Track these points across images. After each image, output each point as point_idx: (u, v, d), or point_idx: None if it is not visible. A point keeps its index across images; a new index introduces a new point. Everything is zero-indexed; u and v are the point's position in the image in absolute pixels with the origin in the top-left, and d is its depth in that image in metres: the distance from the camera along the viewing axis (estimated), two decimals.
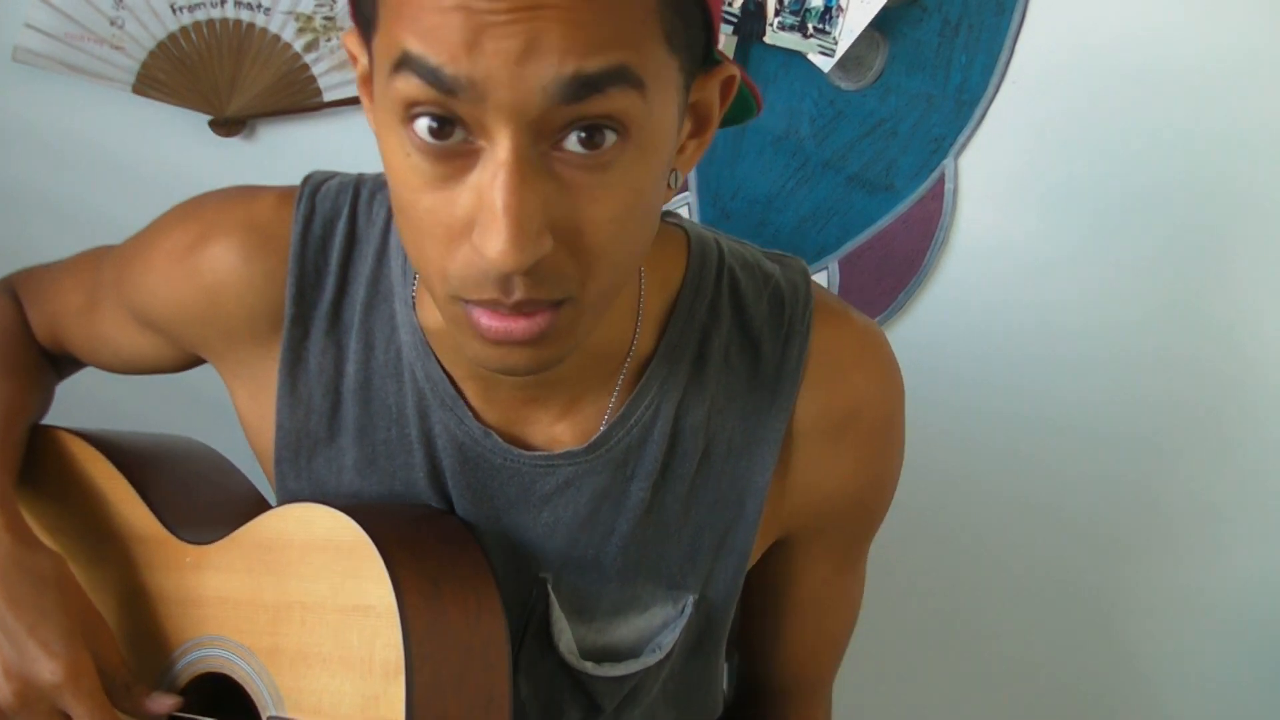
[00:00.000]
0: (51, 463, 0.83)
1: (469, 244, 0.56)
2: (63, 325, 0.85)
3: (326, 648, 0.69)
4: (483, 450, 0.73)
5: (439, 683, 0.67)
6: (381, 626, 0.67)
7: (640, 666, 0.76)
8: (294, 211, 0.74)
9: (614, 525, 0.74)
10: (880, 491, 0.80)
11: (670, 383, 0.73)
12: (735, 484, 0.75)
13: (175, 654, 0.77)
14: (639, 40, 0.54)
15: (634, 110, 0.55)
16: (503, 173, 0.54)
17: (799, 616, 0.84)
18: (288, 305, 0.74)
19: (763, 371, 0.74)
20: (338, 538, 0.69)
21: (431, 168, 0.56)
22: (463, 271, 0.57)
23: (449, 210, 0.56)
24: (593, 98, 0.53)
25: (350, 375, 0.75)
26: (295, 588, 0.71)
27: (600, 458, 0.72)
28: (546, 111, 0.53)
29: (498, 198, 0.54)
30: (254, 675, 0.73)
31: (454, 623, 0.68)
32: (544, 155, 0.55)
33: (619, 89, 0.53)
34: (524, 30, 0.51)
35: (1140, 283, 1.29)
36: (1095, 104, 1.24)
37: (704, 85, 0.62)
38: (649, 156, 0.57)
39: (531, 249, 0.54)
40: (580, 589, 0.75)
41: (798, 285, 0.75)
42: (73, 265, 0.87)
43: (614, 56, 0.53)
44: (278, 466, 0.77)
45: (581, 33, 0.52)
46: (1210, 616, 1.40)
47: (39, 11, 1.24)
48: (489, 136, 0.54)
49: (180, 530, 0.79)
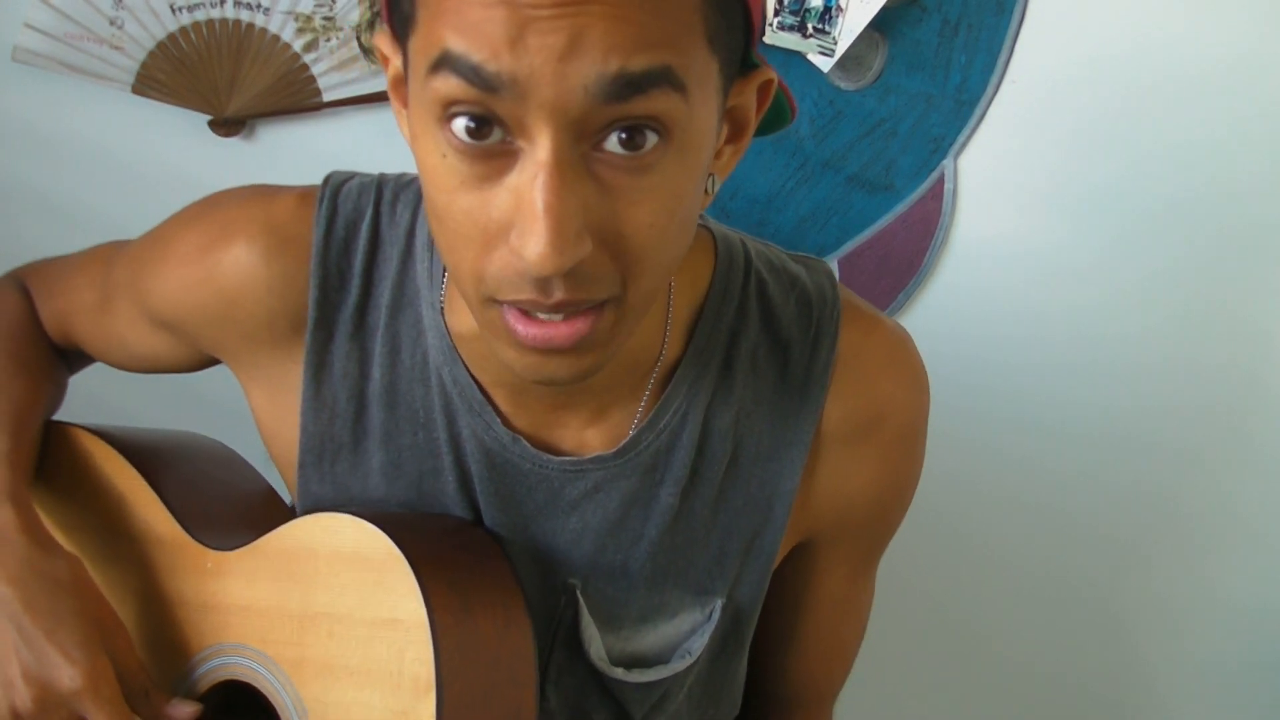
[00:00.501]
0: (68, 461, 0.82)
1: (506, 246, 0.55)
2: (74, 322, 0.84)
3: (354, 660, 0.69)
4: (510, 456, 0.72)
5: (468, 698, 0.66)
6: (411, 641, 0.66)
7: (670, 672, 0.76)
8: (315, 212, 0.73)
9: (643, 531, 0.73)
10: (900, 497, 0.80)
11: (699, 386, 0.72)
12: (764, 488, 0.75)
13: (194, 660, 0.77)
14: (683, 41, 0.53)
15: (676, 112, 0.54)
16: (543, 174, 0.53)
17: (812, 623, 0.84)
18: (311, 308, 0.73)
19: (791, 375, 0.74)
20: (367, 549, 0.68)
21: (469, 168, 0.55)
22: (500, 273, 0.56)
23: (485, 212, 0.55)
24: (635, 98, 0.53)
25: (375, 379, 0.74)
26: (322, 598, 0.70)
27: (629, 462, 0.72)
28: (588, 111, 0.52)
29: (538, 198, 0.53)
30: (278, 685, 0.72)
31: (483, 637, 0.68)
32: (584, 156, 0.54)
33: (661, 90, 0.53)
34: (568, 26, 0.50)
35: (1140, 282, 1.29)
36: (1095, 103, 1.24)
37: (742, 90, 0.61)
38: (689, 159, 0.57)
39: (572, 251, 0.53)
40: (609, 596, 0.74)
41: (824, 288, 0.75)
42: (84, 261, 0.85)
43: (658, 56, 0.52)
44: (301, 470, 0.76)
45: (626, 30, 0.51)
46: (1222, 621, 1.40)
47: (39, 11, 1.24)
48: (528, 136, 0.53)
49: (199, 533, 0.78)
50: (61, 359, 0.87)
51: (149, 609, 0.79)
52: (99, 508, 0.81)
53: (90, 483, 0.82)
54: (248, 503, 0.84)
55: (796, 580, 0.82)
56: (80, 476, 0.82)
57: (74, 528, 0.81)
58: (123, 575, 0.80)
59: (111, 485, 0.81)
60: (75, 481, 0.82)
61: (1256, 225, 1.26)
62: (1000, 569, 1.40)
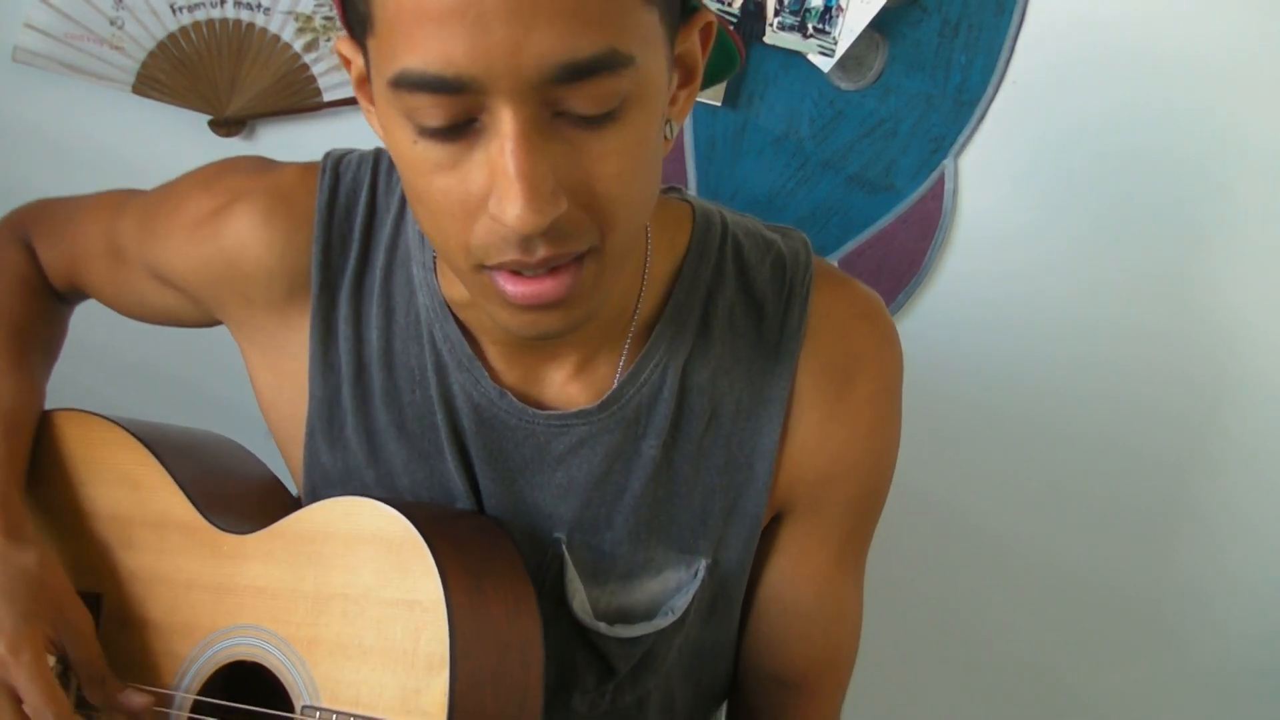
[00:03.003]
0: (83, 446, 0.83)
1: (486, 214, 0.58)
2: (82, 268, 0.86)
3: (368, 640, 0.70)
4: (498, 411, 0.74)
5: (479, 679, 0.67)
6: (428, 620, 0.67)
7: (653, 629, 0.77)
8: (319, 181, 0.76)
9: (626, 484, 0.75)
10: (879, 465, 0.80)
11: (677, 343, 0.75)
12: (744, 446, 0.77)
13: (206, 641, 0.78)
14: (623, 14, 0.56)
15: (625, 81, 0.57)
16: (509, 142, 0.56)
17: (803, 616, 0.83)
18: (314, 272, 0.76)
19: (766, 333, 0.76)
20: (385, 531, 0.70)
21: (441, 150, 0.58)
22: (484, 240, 0.60)
23: (463, 187, 0.59)
24: (585, 81, 0.56)
25: (373, 342, 0.76)
26: (338, 579, 0.72)
27: (613, 416, 0.74)
28: (544, 89, 0.56)
29: (510, 164, 0.56)
30: (289, 665, 0.73)
31: (495, 620, 0.69)
32: (548, 121, 0.57)
33: (610, 70, 0.56)
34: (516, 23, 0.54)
35: (1140, 282, 1.29)
36: (1095, 103, 1.24)
37: (686, 36, 0.64)
38: (646, 111, 0.60)
39: (549, 208, 0.57)
40: (594, 549, 0.76)
41: (798, 252, 0.77)
42: (93, 206, 0.87)
43: (602, 39, 0.55)
44: (310, 440, 0.78)
45: (570, 21, 0.54)
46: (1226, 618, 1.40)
47: (39, 11, 1.24)
48: (492, 114, 0.57)
49: (214, 517, 0.79)
50: (63, 304, 0.89)
51: (163, 591, 0.79)
52: (115, 492, 0.82)
53: (106, 467, 0.82)
54: (259, 491, 0.85)
55: (780, 562, 0.82)
56: (95, 461, 0.83)
57: (87, 512, 0.82)
58: (137, 558, 0.80)
59: (128, 470, 0.82)
60: (90, 466, 0.83)
61: (1257, 225, 1.26)
62: (1002, 566, 1.40)
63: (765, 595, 0.83)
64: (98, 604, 0.80)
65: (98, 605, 0.80)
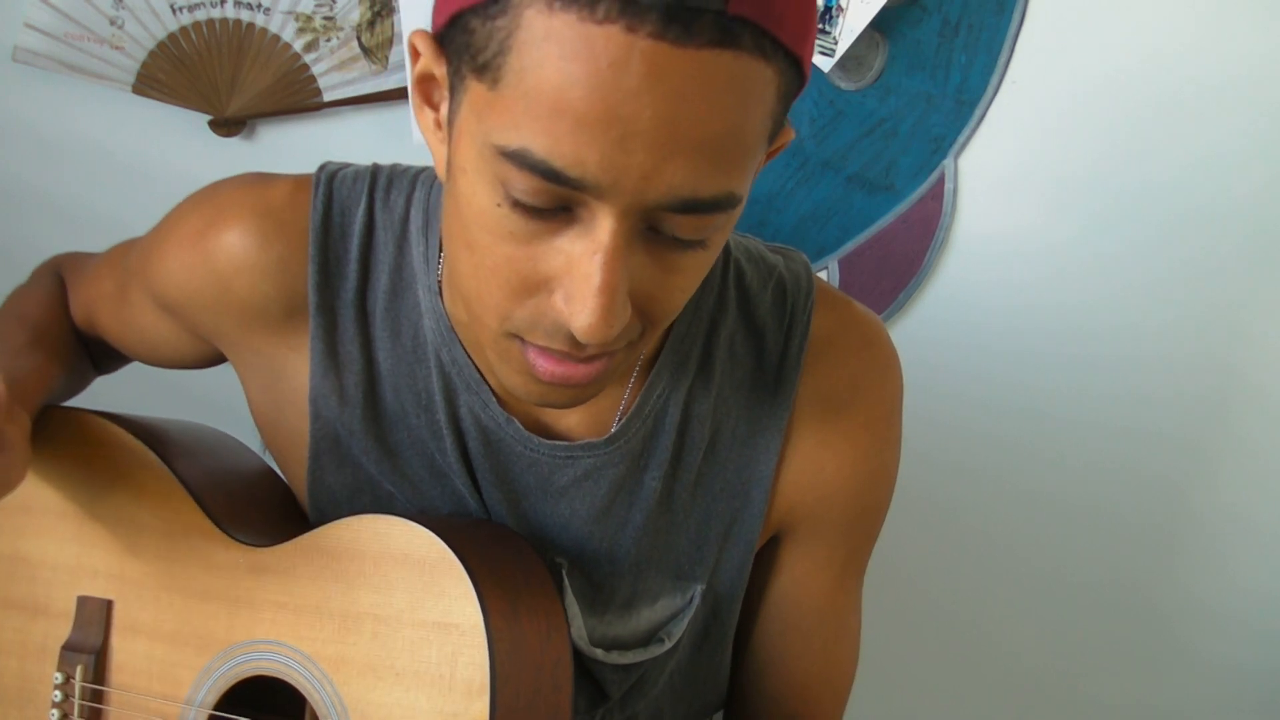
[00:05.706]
0: (90, 448, 0.82)
1: (545, 298, 0.57)
2: (95, 310, 0.86)
3: (400, 661, 0.69)
4: (504, 436, 0.74)
5: (517, 703, 0.67)
6: (465, 645, 0.66)
7: (648, 656, 0.77)
8: (312, 198, 0.74)
9: (628, 517, 0.75)
10: (876, 489, 0.81)
11: (680, 374, 0.74)
12: (741, 472, 0.76)
13: (224, 653, 0.77)
14: (750, 160, 0.56)
15: (728, 218, 0.57)
16: (602, 254, 0.55)
17: (798, 636, 0.83)
18: (311, 293, 0.74)
19: (766, 361, 0.76)
20: (419, 552, 0.69)
21: (523, 224, 0.56)
22: (532, 319, 0.58)
23: (530, 265, 0.57)
24: (698, 215, 0.55)
25: (380, 363, 0.75)
26: (367, 599, 0.70)
27: (619, 449, 0.74)
28: (651, 212, 0.55)
29: (596, 275, 0.55)
30: (314, 683, 0.72)
31: (530, 642, 0.69)
32: (640, 233, 0.56)
33: (723, 210, 0.56)
34: (658, 152, 0.52)
35: (1139, 281, 1.29)
36: (1095, 103, 1.24)
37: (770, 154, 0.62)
38: (726, 232, 0.60)
39: (618, 323, 0.56)
40: (594, 581, 0.76)
41: (800, 276, 0.77)
42: (108, 253, 0.87)
43: (725, 184, 0.55)
44: (314, 461, 0.77)
45: (705, 165, 0.53)
46: (1230, 619, 1.40)
47: (39, 11, 1.23)
48: (591, 212, 0.55)
49: (227, 526, 0.77)
50: (83, 348, 0.88)
51: (175, 600, 0.78)
52: (122, 497, 0.81)
53: (112, 470, 0.81)
54: (265, 493, 0.84)
55: (781, 581, 0.82)
56: (97, 462, 0.82)
57: (91, 516, 0.81)
58: (146, 564, 0.79)
59: (131, 473, 0.81)
60: (92, 468, 0.81)
61: (1258, 224, 1.26)
62: (1003, 566, 1.41)
63: (766, 615, 0.83)
64: (108, 610, 0.80)
65: (108, 611, 0.80)
